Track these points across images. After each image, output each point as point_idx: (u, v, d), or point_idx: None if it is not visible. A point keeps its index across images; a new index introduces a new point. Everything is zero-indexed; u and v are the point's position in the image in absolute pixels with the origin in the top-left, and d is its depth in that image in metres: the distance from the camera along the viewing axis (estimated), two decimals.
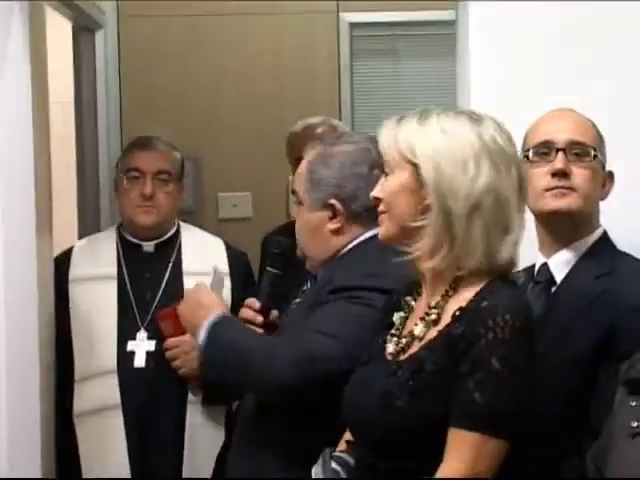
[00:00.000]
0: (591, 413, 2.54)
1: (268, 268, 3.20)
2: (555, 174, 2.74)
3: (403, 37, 5.83)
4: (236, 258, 3.86)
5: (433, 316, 2.38)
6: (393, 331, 2.46)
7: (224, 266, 3.75)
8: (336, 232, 2.95)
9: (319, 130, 4.29)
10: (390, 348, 2.44)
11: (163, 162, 3.79)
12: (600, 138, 2.83)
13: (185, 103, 5.58)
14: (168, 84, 5.58)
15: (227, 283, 3.67)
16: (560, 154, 2.75)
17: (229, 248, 3.88)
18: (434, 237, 2.33)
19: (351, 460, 2.49)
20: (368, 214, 2.82)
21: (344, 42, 5.72)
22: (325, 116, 4.53)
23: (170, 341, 3.54)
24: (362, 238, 2.93)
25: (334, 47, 5.70)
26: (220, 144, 5.57)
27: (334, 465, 2.48)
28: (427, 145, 2.33)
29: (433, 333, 2.36)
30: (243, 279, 3.83)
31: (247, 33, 5.59)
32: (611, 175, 2.85)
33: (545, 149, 2.78)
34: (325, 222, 2.95)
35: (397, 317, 2.48)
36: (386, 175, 2.41)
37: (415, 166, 2.33)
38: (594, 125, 2.83)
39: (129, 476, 3.57)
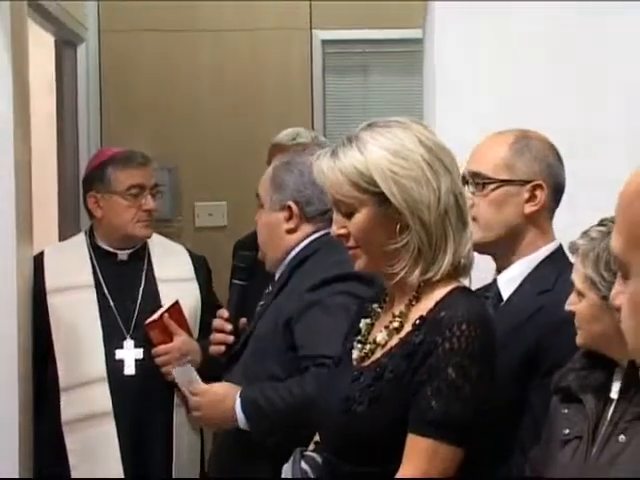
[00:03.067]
0: (521, 425, 2.52)
1: (235, 281, 3.32)
2: None
3: (373, 54, 5.86)
4: (198, 262, 3.88)
5: (396, 324, 2.36)
6: (359, 337, 2.44)
7: (189, 270, 3.79)
8: (290, 232, 3.08)
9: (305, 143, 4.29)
10: (355, 354, 2.42)
11: (156, 176, 3.81)
12: (514, 157, 2.69)
13: (163, 114, 5.57)
14: (147, 96, 5.58)
15: (194, 285, 3.76)
16: (465, 188, 2.63)
17: (190, 254, 3.89)
18: (413, 251, 2.30)
19: (320, 460, 2.47)
20: (320, 217, 3.04)
21: (317, 58, 5.73)
22: (310, 130, 4.53)
23: (159, 348, 3.53)
24: (312, 237, 3.07)
25: (307, 62, 5.71)
26: (197, 155, 5.57)
27: (303, 465, 2.48)
28: (383, 171, 2.27)
29: (395, 341, 2.34)
30: (206, 280, 3.86)
31: (223, 48, 5.61)
32: (539, 186, 2.69)
33: (464, 180, 2.67)
34: (281, 222, 3.09)
35: (363, 324, 2.45)
36: (341, 213, 2.35)
37: (378, 195, 2.28)
38: (511, 144, 2.71)
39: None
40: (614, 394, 2.27)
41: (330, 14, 5.68)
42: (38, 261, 3.68)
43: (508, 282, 2.72)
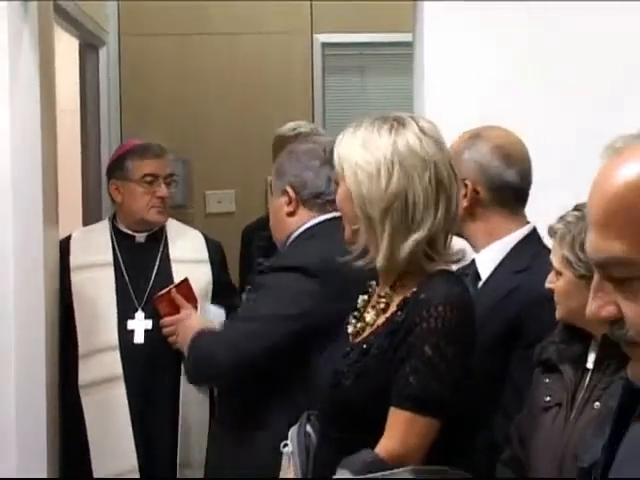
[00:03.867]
0: (503, 394, 2.53)
1: (258, 260, 3.45)
2: None
3: (369, 56, 5.84)
4: (213, 246, 3.89)
5: (382, 305, 2.35)
6: (355, 313, 2.43)
7: (203, 253, 3.81)
8: (290, 215, 3.05)
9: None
10: (350, 329, 2.42)
11: (171, 167, 3.84)
12: (457, 156, 2.63)
13: (177, 111, 5.58)
14: (162, 94, 5.58)
15: (206, 267, 3.77)
16: None
17: (206, 238, 3.90)
18: (364, 239, 2.30)
19: None
20: (315, 201, 3.01)
21: (317, 59, 5.73)
22: (310, 123, 4.56)
23: (166, 320, 3.53)
24: (311, 223, 3.03)
25: (308, 63, 5.71)
26: (208, 148, 5.57)
27: (308, 428, 2.45)
28: (350, 159, 2.29)
29: (381, 320, 2.33)
30: (221, 263, 3.89)
31: (232, 50, 5.60)
32: (463, 184, 2.66)
33: None
34: (283, 206, 3.05)
35: (361, 300, 2.44)
36: (337, 185, 2.40)
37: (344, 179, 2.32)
38: (462, 143, 2.72)
39: (132, 440, 3.56)
40: (590, 364, 2.28)
41: (330, 19, 5.69)
42: (65, 243, 3.72)
43: (486, 262, 2.72)
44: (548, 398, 2.32)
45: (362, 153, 2.26)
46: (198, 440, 3.67)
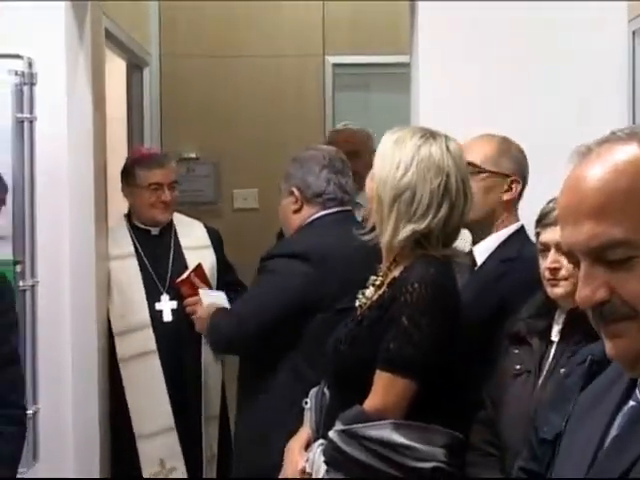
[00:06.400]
0: (487, 361, 2.50)
1: None
2: None
3: (374, 75, 5.81)
4: (212, 233, 3.91)
5: (378, 282, 2.38)
6: (364, 290, 2.45)
7: (206, 239, 3.85)
8: (296, 212, 3.12)
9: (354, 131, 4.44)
10: (357, 303, 2.44)
11: (174, 175, 3.83)
12: (499, 153, 2.69)
13: (209, 121, 5.57)
14: (196, 107, 5.57)
15: (210, 251, 3.81)
16: None
17: (206, 226, 3.93)
18: (374, 218, 2.34)
19: None
20: (317, 199, 3.11)
21: (328, 78, 5.71)
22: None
23: (188, 300, 3.57)
24: (313, 217, 3.11)
25: (320, 81, 5.69)
26: (235, 153, 5.56)
27: (325, 389, 2.46)
28: (383, 149, 2.35)
29: (376, 296, 2.36)
30: (220, 246, 3.89)
31: (255, 70, 5.59)
32: (516, 180, 2.71)
33: None
34: (290, 205, 3.14)
35: (371, 279, 2.44)
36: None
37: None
38: (498, 143, 2.72)
39: (168, 402, 3.58)
40: (555, 337, 2.28)
41: (339, 43, 5.67)
42: None
43: (482, 252, 2.72)
44: (518, 366, 2.31)
45: (392, 147, 2.32)
46: (214, 395, 3.73)
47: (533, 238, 2.44)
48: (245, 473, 3.11)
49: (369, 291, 2.41)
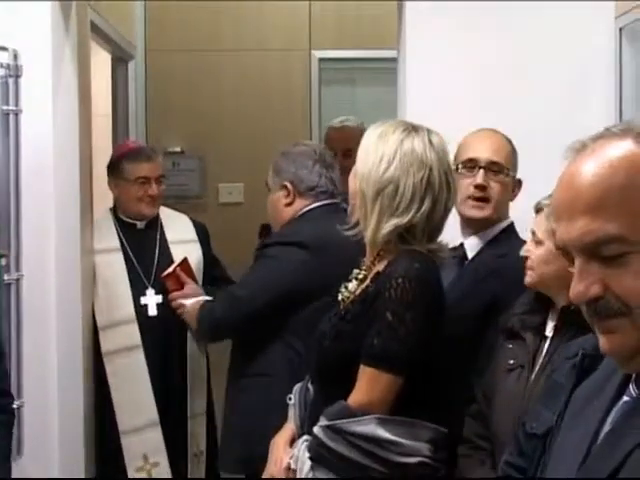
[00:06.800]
0: (479, 355, 2.52)
1: None
2: (477, 186, 2.68)
3: (359, 69, 5.80)
4: (199, 227, 3.88)
5: (361, 276, 2.38)
6: (347, 283, 2.44)
7: (192, 233, 3.82)
8: (288, 205, 3.17)
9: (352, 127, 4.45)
10: (340, 296, 2.44)
11: (161, 169, 3.81)
12: (513, 155, 2.74)
13: (194, 115, 5.55)
14: (181, 101, 5.55)
15: (197, 245, 3.78)
16: (481, 171, 2.67)
17: (193, 221, 3.90)
18: (358, 213, 2.34)
19: None
20: (310, 192, 3.17)
21: (314, 72, 5.69)
22: (356, 119, 4.57)
23: (174, 294, 3.55)
24: (306, 209, 3.17)
25: (306, 76, 5.67)
26: (220, 147, 5.55)
27: (309, 385, 2.47)
28: (365, 143, 2.34)
29: (359, 290, 2.36)
30: (206, 240, 3.87)
31: (240, 64, 5.56)
32: (520, 182, 2.77)
33: (471, 165, 2.69)
34: (281, 198, 3.18)
35: (354, 272, 2.44)
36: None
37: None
38: (510, 143, 2.75)
39: (152, 397, 3.56)
40: (549, 332, 2.29)
41: (325, 37, 5.65)
42: None
43: (473, 246, 2.75)
44: (512, 361, 2.32)
45: (375, 142, 2.31)
46: (200, 391, 3.70)
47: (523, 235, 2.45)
48: (233, 462, 3.12)
49: (352, 285, 2.40)
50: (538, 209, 2.33)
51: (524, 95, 3.25)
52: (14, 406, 2.62)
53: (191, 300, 3.43)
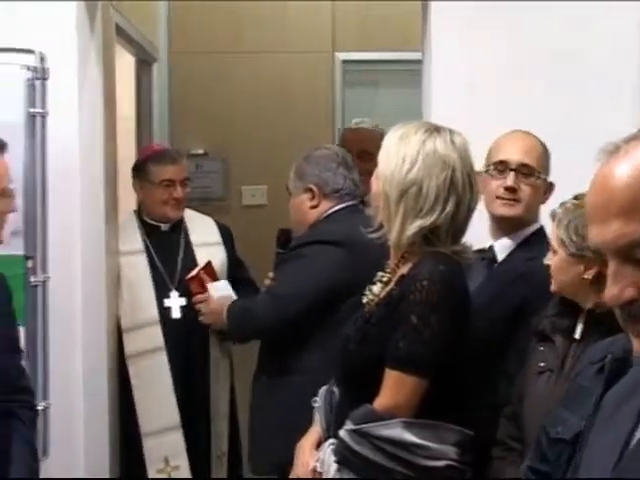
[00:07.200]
0: (507, 358, 2.52)
1: None
2: (507, 188, 2.67)
3: (382, 71, 5.79)
4: (223, 230, 3.89)
5: (385, 278, 2.37)
6: (372, 286, 2.43)
7: (217, 236, 3.83)
8: (313, 207, 3.21)
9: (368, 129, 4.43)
10: (365, 299, 2.43)
11: (186, 171, 3.82)
12: (545, 157, 2.73)
13: (218, 118, 5.55)
14: (205, 103, 5.55)
15: (221, 248, 3.79)
16: (512, 173, 2.66)
17: (217, 223, 3.91)
18: (382, 216, 2.33)
19: None
20: (335, 194, 3.21)
21: (337, 74, 5.68)
22: (372, 120, 4.56)
23: (197, 297, 3.56)
24: (331, 210, 3.21)
25: (330, 78, 5.66)
26: (244, 149, 5.54)
27: (334, 387, 2.46)
28: (387, 145, 2.34)
29: (384, 293, 2.35)
30: (231, 243, 3.88)
31: (264, 67, 5.56)
32: (552, 185, 2.75)
33: (501, 167, 2.68)
34: (306, 201, 3.22)
35: (379, 275, 2.43)
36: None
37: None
38: (542, 145, 2.73)
39: (175, 400, 3.56)
40: (577, 335, 2.29)
41: (348, 39, 5.64)
42: None
43: (503, 248, 2.74)
44: (542, 364, 2.33)
45: (397, 143, 2.31)
46: (223, 393, 3.71)
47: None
48: (264, 463, 3.12)
49: (376, 288, 2.39)
50: (553, 217, 2.33)
51: (554, 97, 3.23)
52: (39, 407, 2.64)
53: (216, 295, 3.44)
